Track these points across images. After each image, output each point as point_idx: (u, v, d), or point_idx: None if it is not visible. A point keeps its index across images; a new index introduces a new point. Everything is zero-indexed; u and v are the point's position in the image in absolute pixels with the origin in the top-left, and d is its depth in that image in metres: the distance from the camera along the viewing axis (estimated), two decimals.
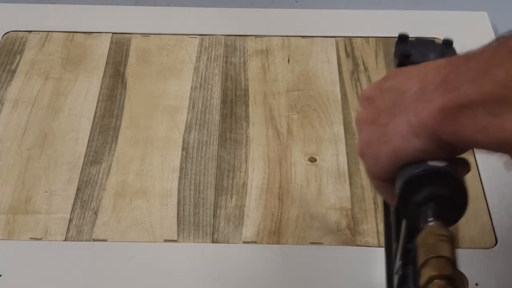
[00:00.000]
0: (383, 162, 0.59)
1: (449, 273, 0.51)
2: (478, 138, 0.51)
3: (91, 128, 0.99)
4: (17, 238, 0.86)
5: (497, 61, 0.50)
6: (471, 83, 0.51)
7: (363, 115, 0.63)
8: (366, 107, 0.63)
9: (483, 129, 0.51)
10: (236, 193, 0.91)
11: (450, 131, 0.53)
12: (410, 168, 0.56)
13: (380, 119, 0.60)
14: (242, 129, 0.99)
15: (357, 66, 1.08)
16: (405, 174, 0.56)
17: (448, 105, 0.53)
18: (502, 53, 0.50)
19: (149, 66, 1.08)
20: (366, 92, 0.64)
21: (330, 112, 1.01)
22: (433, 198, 0.55)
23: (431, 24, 1.15)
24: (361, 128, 0.62)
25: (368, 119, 0.61)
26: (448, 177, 0.55)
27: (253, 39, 1.13)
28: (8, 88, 1.04)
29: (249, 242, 0.85)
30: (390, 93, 0.60)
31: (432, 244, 0.53)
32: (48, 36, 1.13)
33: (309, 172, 0.93)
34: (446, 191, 0.55)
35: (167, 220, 0.88)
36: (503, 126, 0.49)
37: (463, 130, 0.52)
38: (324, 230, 0.86)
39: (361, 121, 0.63)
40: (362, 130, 0.62)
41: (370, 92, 0.63)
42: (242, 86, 1.05)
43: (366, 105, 0.63)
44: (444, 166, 0.55)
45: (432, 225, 0.54)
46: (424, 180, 0.55)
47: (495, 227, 0.86)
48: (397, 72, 0.62)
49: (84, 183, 0.92)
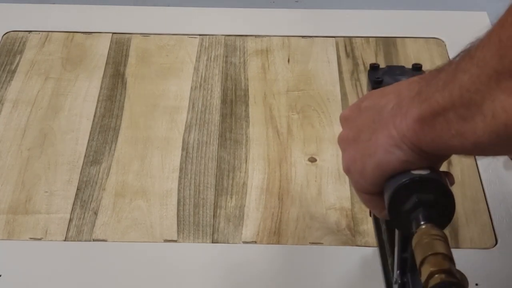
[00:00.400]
0: (369, 175, 0.61)
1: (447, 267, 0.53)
2: (454, 143, 0.54)
3: (91, 128, 0.99)
4: (17, 238, 0.86)
5: (462, 67, 0.52)
6: (442, 91, 0.54)
7: (344, 134, 0.65)
8: (347, 127, 0.65)
9: (458, 133, 0.53)
10: (236, 193, 0.91)
11: (429, 140, 0.56)
12: (395, 179, 0.59)
13: (361, 136, 0.62)
14: (242, 129, 0.99)
15: (357, 66, 1.08)
16: (392, 185, 0.59)
17: (423, 115, 0.55)
18: (466, 60, 0.52)
19: (149, 66, 1.08)
20: (345, 113, 0.67)
21: (330, 112, 1.01)
22: (421, 204, 0.58)
23: (431, 24, 1.15)
24: (344, 147, 0.65)
25: (350, 138, 0.64)
26: (433, 182, 0.58)
27: (253, 39, 1.13)
28: (8, 88, 1.04)
29: (249, 242, 0.85)
30: (369, 111, 0.62)
31: (427, 243, 0.55)
32: (48, 36, 1.13)
33: (309, 172, 0.93)
34: (432, 196, 0.58)
35: (167, 220, 0.88)
36: (475, 128, 0.51)
37: (440, 137, 0.55)
38: (324, 230, 0.86)
39: (343, 140, 0.65)
40: (345, 149, 0.65)
41: (349, 113, 0.66)
42: (242, 86, 1.05)
43: (346, 125, 0.66)
44: (427, 173, 0.58)
45: (425, 227, 0.57)
46: (410, 189, 0.58)
47: (495, 227, 0.86)
48: (372, 93, 0.65)
49: (84, 183, 0.92)
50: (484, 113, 0.51)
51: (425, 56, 1.09)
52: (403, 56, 1.09)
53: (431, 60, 1.08)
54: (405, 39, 1.12)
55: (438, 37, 1.13)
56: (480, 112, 0.51)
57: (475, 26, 1.13)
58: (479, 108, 0.51)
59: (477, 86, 0.51)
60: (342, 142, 0.65)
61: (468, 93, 0.51)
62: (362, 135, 0.62)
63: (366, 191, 0.63)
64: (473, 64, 0.51)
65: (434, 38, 1.13)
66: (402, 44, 1.11)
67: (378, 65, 0.75)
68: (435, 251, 0.54)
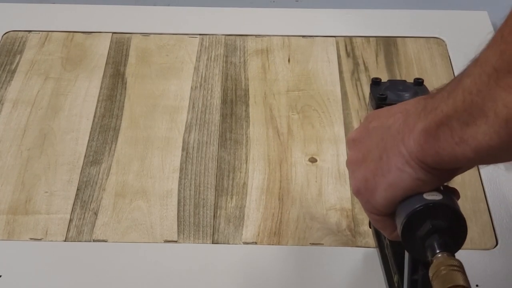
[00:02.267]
0: (381, 195, 0.61)
1: None
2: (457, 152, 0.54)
3: (91, 128, 0.99)
4: (17, 238, 0.86)
5: (467, 72, 0.53)
6: (446, 100, 0.54)
7: (353, 156, 0.65)
8: (355, 149, 0.65)
9: (460, 141, 0.53)
10: (236, 194, 0.91)
11: (433, 153, 0.56)
12: (409, 204, 0.59)
13: (370, 155, 0.62)
14: (242, 129, 0.98)
15: (358, 65, 1.08)
16: (405, 210, 0.59)
17: (427, 127, 0.55)
18: (471, 64, 0.53)
19: (149, 66, 1.08)
20: (353, 135, 0.66)
21: (331, 112, 1.01)
22: (435, 230, 0.59)
23: (431, 24, 1.15)
24: (353, 168, 0.64)
25: (359, 159, 0.63)
26: (446, 209, 0.59)
27: (253, 39, 1.13)
28: (8, 88, 1.04)
29: (249, 243, 0.85)
30: (377, 131, 0.62)
31: (445, 275, 0.56)
32: (48, 36, 1.13)
33: (310, 173, 0.93)
34: (446, 223, 0.59)
35: (167, 220, 0.88)
36: (476, 133, 0.52)
37: (444, 148, 0.55)
38: (324, 231, 0.86)
39: (352, 162, 0.65)
40: (354, 170, 0.64)
41: (357, 135, 0.65)
42: (242, 86, 1.05)
43: (354, 146, 0.65)
44: (440, 199, 0.59)
45: (441, 257, 0.57)
46: (424, 215, 0.59)
47: (496, 228, 0.86)
48: (378, 113, 0.65)
49: (84, 184, 0.92)
50: (486, 114, 0.51)
51: (425, 56, 1.09)
52: (404, 56, 1.09)
53: (432, 60, 1.08)
54: (405, 39, 1.12)
55: (439, 36, 1.13)
56: (482, 114, 0.51)
57: (476, 25, 1.14)
58: (481, 110, 0.51)
59: (479, 87, 0.51)
60: (351, 164, 0.64)
61: (470, 96, 0.51)
62: (371, 155, 0.62)
63: (376, 212, 0.63)
64: (476, 65, 0.52)
65: (434, 37, 1.13)
66: (403, 43, 1.11)
67: (380, 79, 0.75)
68: (455, 283, 0.55)
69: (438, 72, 1.06)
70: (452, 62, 1.08)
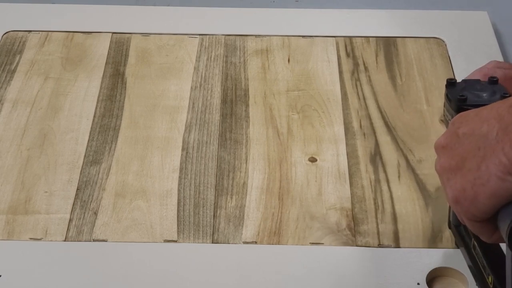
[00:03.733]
0: (482, 205, 0.60)
1: None
2: None
3: (91, 128, 0.99)
4: (17, 238, 0.86)
5: None
6: None
7: (445, 163, 0.64)
8: (445, 155, 0.64)
9: None
10: (236, 193, 0.91)
11: None
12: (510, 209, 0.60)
13: (466, 165, 0.61)
14: (242, 129, 0.98)
15: (358, 66, 1.08)
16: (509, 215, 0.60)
17: None
18: None
19: (149, 66, 1.08)
20: (441, 141, 0.65)
21: (331, 112, 1.01)
22: None
23: (431, 24, 1.15)
24: (448, 176, 0.64)
25: (453, 167, 0.63)
26: None
27: (253, 39, 1.13)
28: (8, 88, 1.04)
29: (249, 242, 0.85)
30: (469, 138, 0.61)
31: None
32: (48, 36, 1.13)
33: (309, 172, 0.93)
34: None
35: (167, 220, 0.88)
36: None
37: None
38: (324, 230, 0.86)
39: (444, 169, 0.64)
40: (449, 178, 0.63)
41: (446, 140, 0.64)
42: (242, 86, 1.05)
43: (444, 153, 0.64)
44: None
45: None
46: None
47: None
48: (466, 118, 0.64)
49: (84, 183, 0.92)
50: None
51: (425, 56, 1.09)
52: (404, 56, 1.09)
53: (432, 60, 1.08)
54: (405, 39, 1.12)
55: (439, 36, 1.13)
56: None
57: (476, 25, 1.14)
58: None
59: None
60: (444, 172, 0.64)
61: None
62: (468, 164, 0.61)
63: (477, 219, 0.63)
64: None
65: (434, 37, 1.13)
66: (403, 43, 1.11)
67: (455, 80, 0.74)
68: None
69: (438, 72, 1.06)
70: (452, 62, 1.08)
